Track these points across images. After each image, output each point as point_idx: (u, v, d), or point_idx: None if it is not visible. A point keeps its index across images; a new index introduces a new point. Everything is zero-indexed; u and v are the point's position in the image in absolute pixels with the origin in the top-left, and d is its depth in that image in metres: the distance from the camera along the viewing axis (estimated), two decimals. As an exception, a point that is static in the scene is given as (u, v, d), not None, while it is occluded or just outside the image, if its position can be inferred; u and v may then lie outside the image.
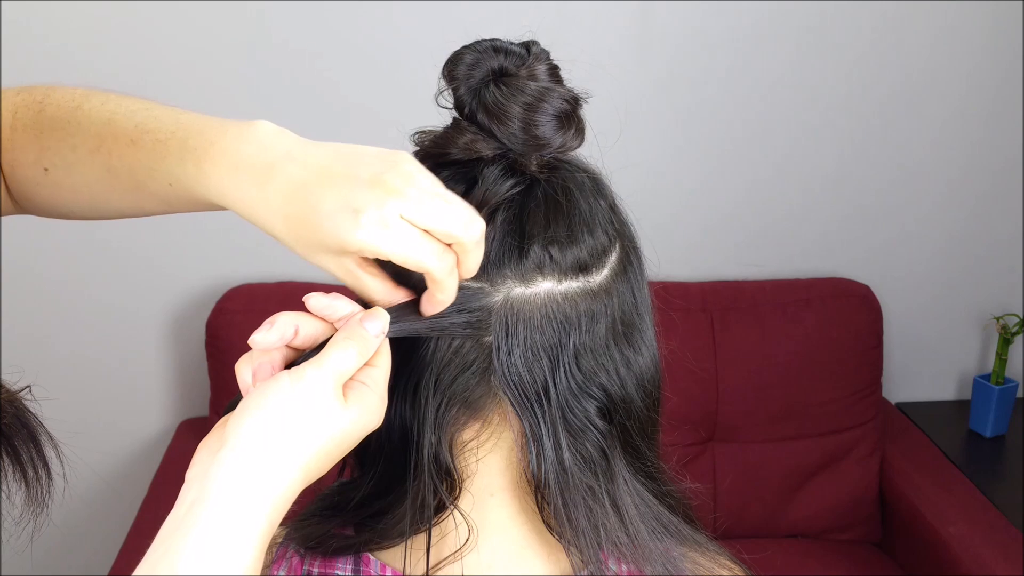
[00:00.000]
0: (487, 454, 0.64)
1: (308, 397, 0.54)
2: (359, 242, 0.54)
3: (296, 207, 0.56)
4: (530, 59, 0.61)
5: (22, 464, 0.57)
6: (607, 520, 0.62)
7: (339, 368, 0.55)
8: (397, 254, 0.55)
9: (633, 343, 0.64)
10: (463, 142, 0.61)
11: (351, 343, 0.56)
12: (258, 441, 0.52)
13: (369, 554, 0.67)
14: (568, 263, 0.61)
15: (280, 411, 0.53)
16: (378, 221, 0.54)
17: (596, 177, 0.65)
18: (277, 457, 0.53)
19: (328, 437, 0.54)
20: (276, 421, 0.53)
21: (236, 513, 0.51)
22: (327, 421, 0.54)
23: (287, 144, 0.58)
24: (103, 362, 1.96)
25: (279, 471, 0.53)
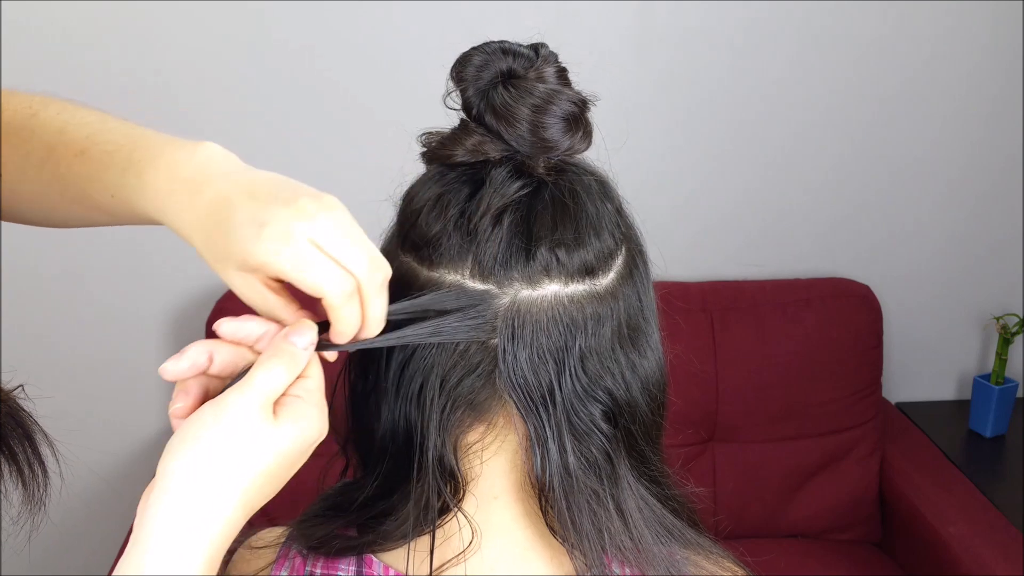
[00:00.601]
0: (492, 457, 0.63)
1: (233, 424, 0.52)
2: (258, 255, 0.54)
3: (214, 219, 0.56)
4: (539, 61, 0.62)
5: (18, 463, 0.56)
6: (611, 524, 0.62)
7: (264, 389, 0.54)
8: (293, 273, 0.54)
9: (639, 347, 0.64)
10: (471, 143, 0.61)
11: (275, 361, 0.55)
12: (186, 478, 0.51)
13: (372, 555, 0.67)
14: (575, 266, 0.61)
15: (206, 443, 0.52)
16: (280, 236, 0.53)
17: (603, 180, 0.65)
18: (208, 492, 0.52)
19: (262, 461, 0.53)
20: (203, 454, 0.52)
21: (171, 557, 0.50)
22: (258, 445, 0.53)
23: (228, 166, 0.58)
24: (103, 362, 1.96)
25: (212, 506, 0.52)
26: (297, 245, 0.53)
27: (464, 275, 0.60)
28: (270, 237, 0.53)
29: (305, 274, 0.54)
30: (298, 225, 0.54)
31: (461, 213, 0.61)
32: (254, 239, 0.54)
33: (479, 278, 0.60)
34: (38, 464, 0.58)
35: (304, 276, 0.54)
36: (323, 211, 0.55)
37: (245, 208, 0.55)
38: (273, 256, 0.54)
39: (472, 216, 0.60)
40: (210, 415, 0.53)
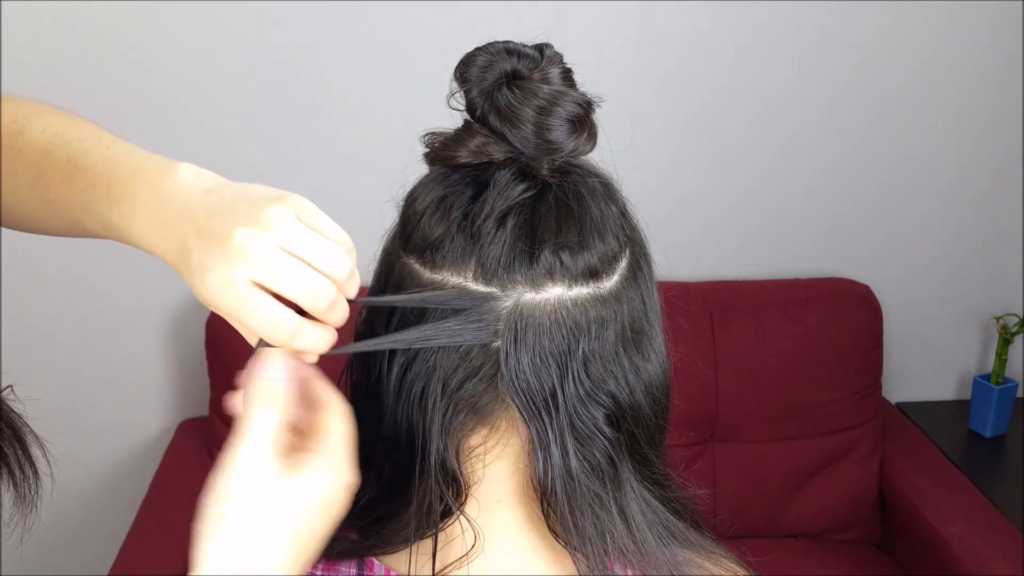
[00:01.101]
0: (494, 460, 0.63)
1: (248, 484, 0.53)
2: (208, 302, 0.55)
3: (181, 263, 0.57)
4: (543, 62, 0.61)
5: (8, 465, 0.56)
6: (614, 527, 0.62)
7: (261, 440, 0.54)
8: (241, 318, 0.55)
9: (642, 350, 0.63)
10: (474, 145, 0.61)
11: (255, 407, 0.55)
12: (226, 558, 0.52)
13: (373, 558, 0.66)
14: (579, 269, 0.60)
15: (233, 517, 0.53)
16: (219, 283, 0.54)
17: (607, 182, 0.65)
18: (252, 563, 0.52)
19: (288, 519, 0.54)
20: (235, 530, 0.53)
21: None
22: (278, 506, 0.53)
23: (192, 195, 0.58)
24: (103, 362, 1.95)
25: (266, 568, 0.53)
26: (235, 290, 0.54)
27: (467, 278, 0.60)
28: (211, 285, 0.54)
29: (250, 318, 0.55)
30: (233, 269, 0.54)
31: (464, 215, 0.60)
32: (201, 287, 0.55)
33: (482, 281, 0.60)
34: (28, 466, 0.58)
35: (250, 320, 0.55)
36: (257, 237, 0.54)
37: (195, 253, 0.55)
38: (219, 303, 0.55)
39: (475, 218, 0.60)
40: (224, 486, 0.53)
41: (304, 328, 0.56)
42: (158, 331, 1.95)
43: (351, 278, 0.57)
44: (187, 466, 1.82)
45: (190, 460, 1.84)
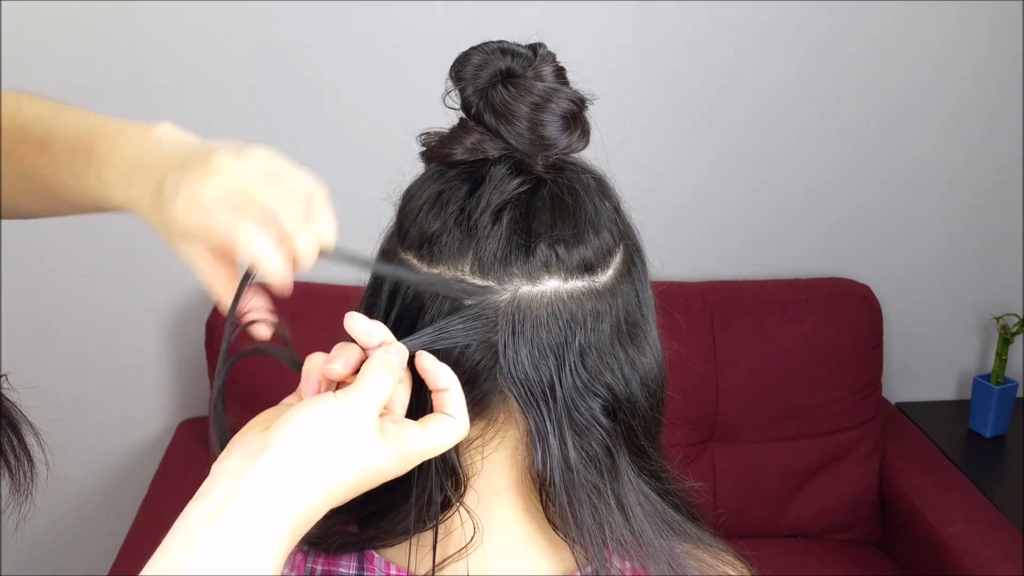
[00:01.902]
0: (492, 452, 0.64)
1: (350, 423, 0.54)
2: (176, 221, 0.57)
3: (156, 197, 0.58)
4: (537, 61, 0.62)
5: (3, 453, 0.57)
6: (612, 518, 0.62)
7: (378, 396, 0.56)
8: (204, 231, 0.57)
9: (637, 343, 0.64)
10: (470, 142, 0.62)
11: (385, 371, 0.57)
12: (298, 454, 0.53)
13: (373, 552, 0.67)
14: (574, 262, 0.61)
15: (323, 430, 0.54)
16: (189, 197, 0.56)
17: (601, 179, 0.66)
18: (311, 474, 0.53)
19: (360, 468, 0.55)
20: (318, 439, 0.53)
21: (266, 517, 0.51)
22: (363, 452, 0.55)
23: (176, 147, 0.60)
24: (103, 362, 1.96)
25: (309, 487, 0.53)
26: (203, 203, 0.56)
27: (464, 271, 0.61)
28: (183, 200, 0.56)
29: (212, 230, 0.56)
30: (206, 183, 0.56)
31: (461, 210, 0.61)
32: (171, 206, 0.57)
33: (479, 274, 0.60)
34: (24, 453, 0.58)
35: (213, 232, 0.56)
36: (235, 163, 0.57)
37: (170, 179, 0.57)
38: (185, 217, 0.56)
39: (472, 213, 0.61)
40: (334, 406, 0.55)
41: (268, 250, 0.56)
42: (158, 331, 1.95)
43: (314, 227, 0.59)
44: (187, 466, 1.82)
45: (190, 460, 1.84)
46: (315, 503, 0.53)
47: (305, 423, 0.54)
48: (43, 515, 2.23)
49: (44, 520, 2.02)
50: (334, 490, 0.54)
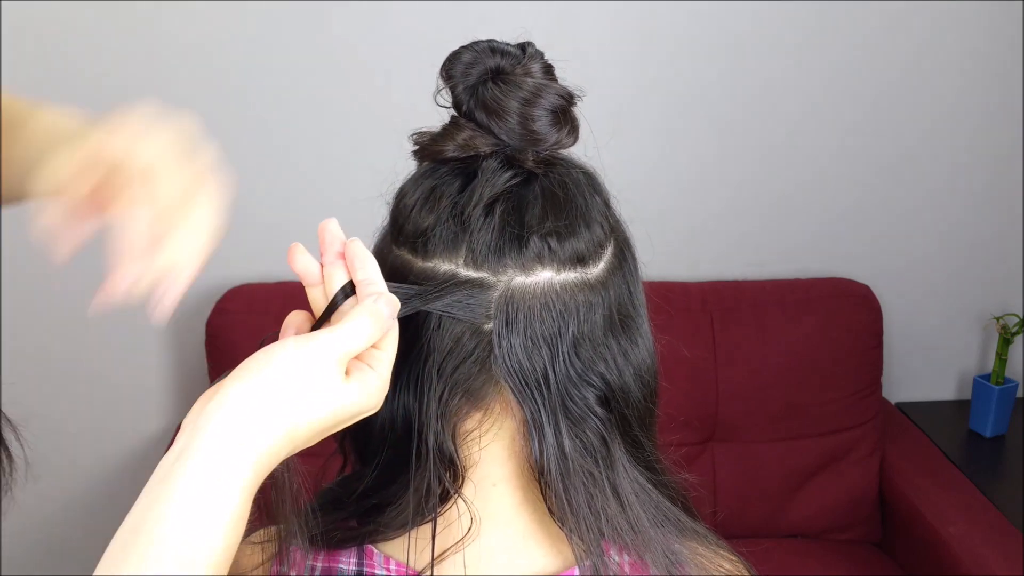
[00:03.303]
0: (489, 443, 0.64)
1: (309, 364, 0.54)
2: None
3: None
4: (526, 58, 0.63)
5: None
6: (607, 506, 0.63)
7: (349, 343, 0.55)
8: None
9: (630, 334, 0.65)
10: (461, 138, 0.63)
11: (367, 319, 0.56)
12: (250, 399, 0.53)
13: (372, 547, 0.67)
14: (566, 254, 0.62)
15: (279, 373, 0.53)
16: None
17: (591, 174, 0.67)
18: (266, 417, 0.53)
19: (321, 409, 0.54)
20: (272, 383, 0.53)
21: (221, 464, 0.51)
22: (323, 393, 0.54)
23: None
24: (103, 362, 1.96)
25: (265, 430, 0.53)
26: None
27: (458, 264, 0.62)
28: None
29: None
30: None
31: (453, 204, 0.62)
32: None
33: (472, 267, 0.61)
34: (3, 449, 0.59)
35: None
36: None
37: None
38: None
39: (464, 206, 0.62)
40: (292, 348, 0.54)
41: None
42: (158, 331, 1.96)
43: None
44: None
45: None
46: (273, 446, 0.53)
47: (259, 368, 0.54)
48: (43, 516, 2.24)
49: (44, 521, 2.02)
50: (295, 431, 0.54)
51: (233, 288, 1.87)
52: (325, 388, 0.54)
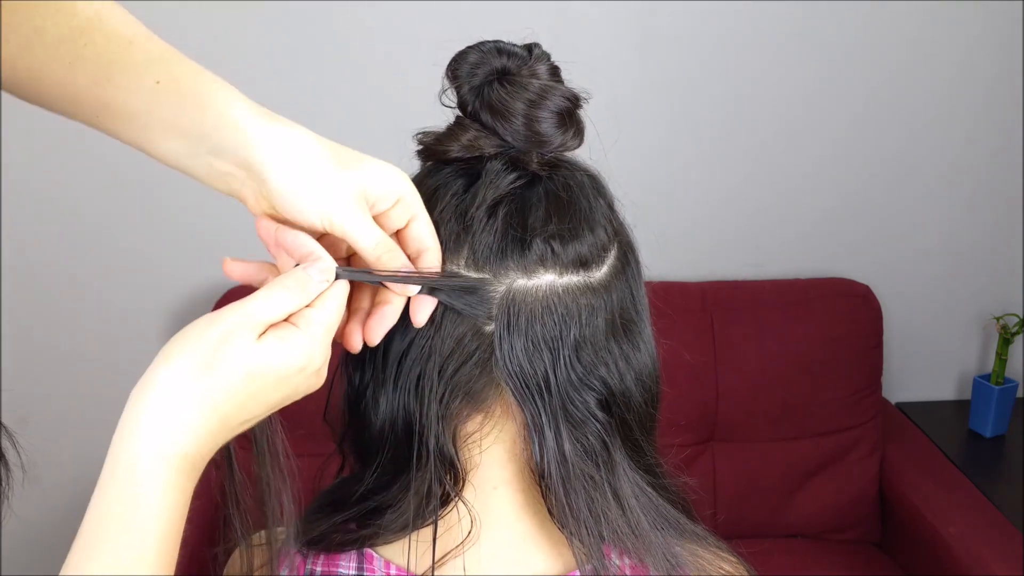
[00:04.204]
0: (490, 445, 0.64)
1: (217, 339, 0.52)
2: (342, 185, 0.58)
3: (327, 160, 0.60)
4: (532, 60, 0.63)
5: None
6: (608, 509, 0.63)
7: (258, 312, 0.54)
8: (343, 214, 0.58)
9: (632, 339, 0.65)
10: (466, 139, 0.63)
11: (279, 287, 0.55)
12: (154, 392, 0.52)
13: (372, 551, 0.67)
14: (569, 257, 0.62)
15: (186, 353, 0.52)
16: (370, 180, 0.59)
17: (595, 177, 0.67)
18: (172, 407, 0.51)
19: (233, 375, 0.52)
20: (184, 365, 0.52)
21: (132, 471, 0.51)
22: (232, 360, 0.52)
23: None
24: (103, 363, 1.96)
25: (174, 421, 0.51)
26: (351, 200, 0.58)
27: (460, 265, 0.61)
28: (364, 179, 0.59)
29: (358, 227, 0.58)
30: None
31: (457, 205, 0.62)
32: (339, 173, 0.59)
33: (474, 268, 0.61)
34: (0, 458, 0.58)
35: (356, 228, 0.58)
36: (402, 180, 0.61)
37: (325, 154, 0.60)
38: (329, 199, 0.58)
39: (468, 207, 0.62)
40: (203, 326, 0.53)
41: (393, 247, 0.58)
42: (158, 331, 1.95)
43: None
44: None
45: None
46: (189, 433, 0.52)
47: (165, 356, 0.53)
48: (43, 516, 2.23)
49: (44, 521, 2.02)
50: (215, 408, 0.52)
51: (233, 288, 1.87)
52: (234, 354, 0.52)
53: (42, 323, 1.91)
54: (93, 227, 1.86)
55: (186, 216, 1.86)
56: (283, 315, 0.55)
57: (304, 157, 0.57)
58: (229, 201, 0.62)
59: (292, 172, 0.57)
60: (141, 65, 0.59)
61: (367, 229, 0.58)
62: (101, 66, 0.58)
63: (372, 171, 0.58)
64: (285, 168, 0.57)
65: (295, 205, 0.57)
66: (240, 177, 0.58)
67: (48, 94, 0.60)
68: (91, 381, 1.96)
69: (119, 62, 0.58)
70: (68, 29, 0.58)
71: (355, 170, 0.58)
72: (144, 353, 1.98)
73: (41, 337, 1.92)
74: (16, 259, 1.81)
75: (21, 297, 1.87)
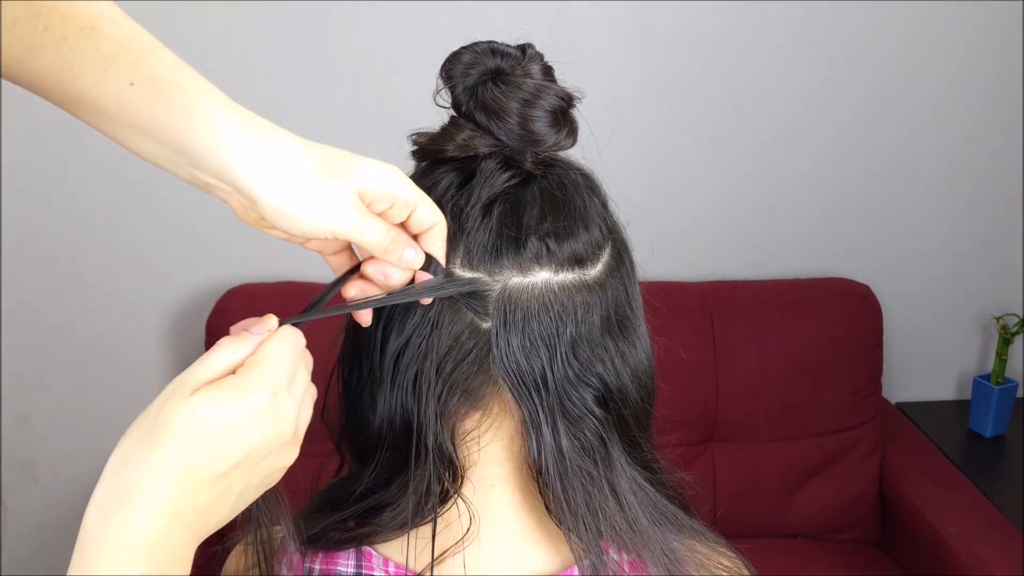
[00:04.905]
0: (488, 443, 0.65)
1: (157, 406, 0.51)
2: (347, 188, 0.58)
3: (327, 167, 0.58)
4: (525, 60, 0.63)
5: None
6: (606, 505, 0.63)
7: (191, 373, 0.52)
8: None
9: (627, 336, 0.65)
10: (460, 139, 0.63)
11: (213, 350, 0.54)
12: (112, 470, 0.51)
13: (371, 549, 0.67)
14: (565, 255, 0.62)
15: (135, 426, 0.52)
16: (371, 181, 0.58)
17: (589, 175, 0.67)
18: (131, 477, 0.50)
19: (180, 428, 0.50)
20: (128, 439, 0.52)
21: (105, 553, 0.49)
22: (172, 413, 0.50)
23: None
24: (103, 362, 1.96)
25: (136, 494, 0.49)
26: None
27: (455, 264, 0.62)
28: (364, 179, 0.58)
29: (366, 226, 0.58)
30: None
31: (451, 204, 0.62)
32: (346, 176, 0.57)
33: (468, 267, 0.61)
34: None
35: (365, 228, 0.58)
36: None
37: (352, 160, 0.58)
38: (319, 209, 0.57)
39: (463, 207, 0.62)
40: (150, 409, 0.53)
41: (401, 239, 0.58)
42: (158, 331, 1.96)
43: None
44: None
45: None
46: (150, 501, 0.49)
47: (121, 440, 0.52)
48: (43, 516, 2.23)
49: (44, 520, 2.02)
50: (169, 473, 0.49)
51: (233, 288, 1.87)
52: (168, 412, 0.50)
53: (42, 322, 1.91)
54: (94, 226, 1.87)
55: (187, 215, 1.86)
56: (218, 372, 0.53)
57: (293, 173, 0.55)
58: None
59: (282, 191, 0.54)
60: (109, 58, 0.53)
61: (369, 230, 0.57)
62: (61, 54, 0.53)
63: (362, 175, 0.57)
64: (275, 188, 0.54)
65: (291, 222, 0.55)
66: (226, 190, 0.56)
67: (23, 81, 0.55)
68: (91, 380, 1.97)
69: (82, 51, 0.53)
70: (24, 8, 0.52)
71: (345, 178, 0.56)
72: (145, 353, 1.99)
73: (42, 336, 1.92)
74: (16, 258, 1.81)
75: (21, 296, 1.87)
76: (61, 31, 0.52)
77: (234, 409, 0.51)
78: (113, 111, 0.54)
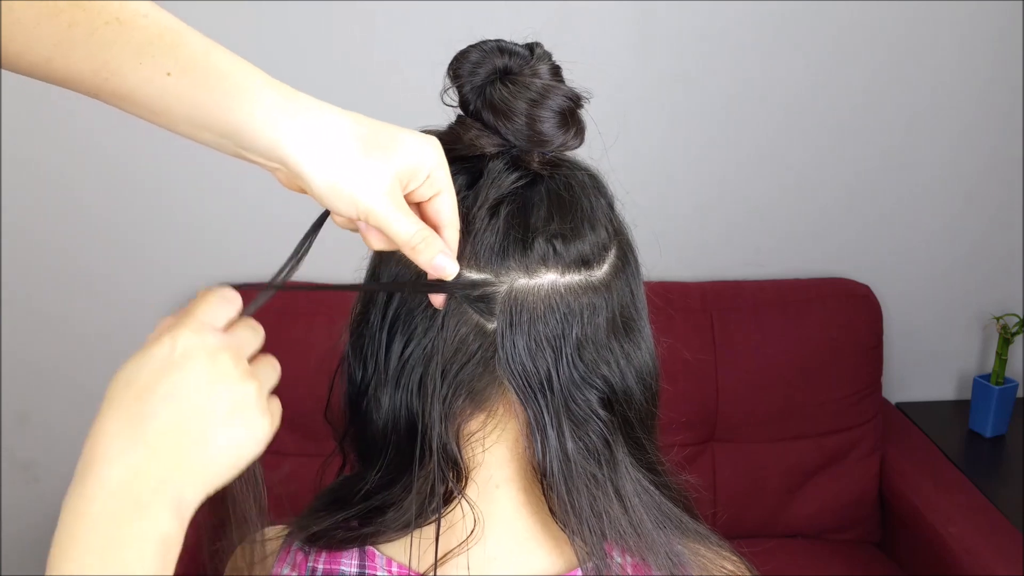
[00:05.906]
0: (493, 444, 0.64)
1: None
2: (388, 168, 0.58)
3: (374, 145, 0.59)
4: (533, 59, 0.63)
5: None
6: (610, 508, 0.63)
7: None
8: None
9: (632, 337, 0.65)
10: (468, 138, 0.63)
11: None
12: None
13: (374, 549, 0.67)
14: (571, 257, 0.62)
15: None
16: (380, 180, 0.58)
17: (596, 176, 0.67)
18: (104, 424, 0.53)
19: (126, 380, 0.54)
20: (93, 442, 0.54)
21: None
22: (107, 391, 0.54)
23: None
24: (103, 362, 1.95)
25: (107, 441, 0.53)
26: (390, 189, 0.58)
27: (462, 264, 0.61)
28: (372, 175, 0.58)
29: (394, 216, 0.58)
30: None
31: (459, 204, 0.62)
32: (355, 170, 0.57)
33: (475, 268, 0.61)
34: None
35: (393, 217, 0.58)
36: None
37: (356, 144, 0.58)
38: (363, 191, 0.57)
39: (470, 207, 0.62)
40: None
41: (431, 237, 0.58)
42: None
43: None
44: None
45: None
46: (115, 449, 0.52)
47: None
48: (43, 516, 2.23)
49: (44, 521, 2.02)
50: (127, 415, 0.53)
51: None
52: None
53: (42, 322, 1.91)
54: (94, 225, 1.86)
55: (188, 215, 1.86)
56: None
57: (338, 151, 0.56)
58: (230, 200, 0.62)
59: (328, 170, 0.55)
60: (141, 50, 0.53)
61: (401, 223, 0.57)
62: (93, 51, 0.52)
63: (405, 151, 0.57)
64: (322, 168, 0.55)
65: (331, 203, 0.57)
66: (273, 166, 0.57)
67: (58, 80, 0.55)
68: (91, 380, 1.96)
69: (112, 45, 0.53)
70: (44, 6, 0.52)
71: (387, 156, 0.57)
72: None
73: (41, 336, 1.92)
74: (16, 257, 1.81)
75: (21, 295, 1.87)
76: (87, 27, 0.52)
77: (141, 354, 0.54)
78: (154, 103, 0.54)
